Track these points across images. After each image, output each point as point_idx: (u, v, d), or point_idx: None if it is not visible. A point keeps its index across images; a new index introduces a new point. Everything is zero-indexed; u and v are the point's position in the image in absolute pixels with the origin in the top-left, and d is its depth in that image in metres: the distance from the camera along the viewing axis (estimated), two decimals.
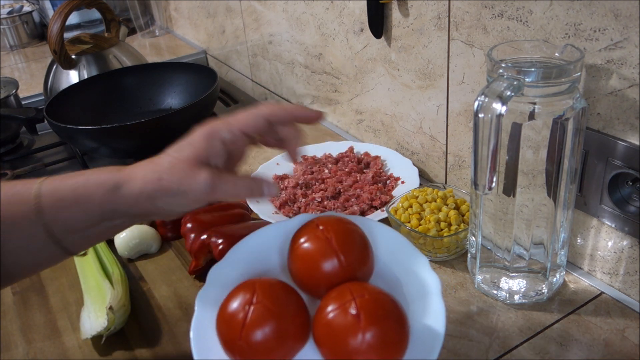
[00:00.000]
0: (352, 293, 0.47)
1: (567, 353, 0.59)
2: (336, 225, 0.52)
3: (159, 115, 1.02)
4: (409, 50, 0.85)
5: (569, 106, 0.55)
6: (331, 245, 0.50)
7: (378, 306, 0.47)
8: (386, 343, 0.46)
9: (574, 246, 0.69)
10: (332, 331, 0.46)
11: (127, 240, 0.79)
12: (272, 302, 0.48)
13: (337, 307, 0.47)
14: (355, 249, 0.52)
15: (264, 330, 0.46)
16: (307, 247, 0.51)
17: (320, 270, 0.50)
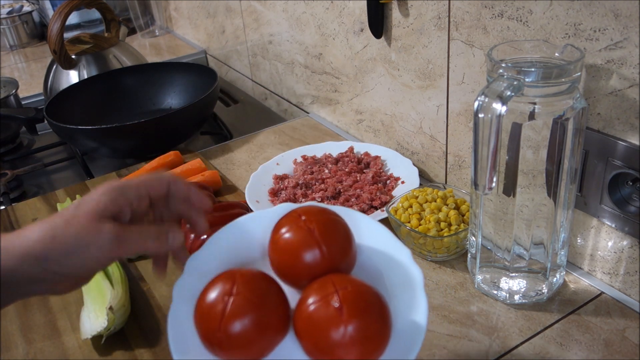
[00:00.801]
0: (335, 285, 0.46)
1: (567, 353, 0.60)
2: (319, 216, 0.51)
3: (159, 115, 1.02)
4: (409, 50, 0.85)
5: (569, 106, 0.55)
6: (313, 235, 0.49)
7: (361, 299, 0.46)
8: (368, 337, 0.45)
9: (574, 246, 0.69)
10: (314, 324, 0.45)
11: None
12: (252, 292, 0.46)
13: (319, 299, 0.46)
14: (338, 239, 0.50)
15: (244, 321, 0.45)
16: (289, 237, 0.50)
17: (302, 261, 0.49)
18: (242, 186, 0.93)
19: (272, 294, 0.48)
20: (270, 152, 1.06)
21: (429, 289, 0.70)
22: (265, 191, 0.90)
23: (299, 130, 1.14)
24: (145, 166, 0.99)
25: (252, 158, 1.06)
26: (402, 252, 0.52)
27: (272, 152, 1.06)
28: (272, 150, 1.07)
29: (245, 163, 1.04)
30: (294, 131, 1.14)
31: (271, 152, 1.06)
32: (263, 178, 0.93)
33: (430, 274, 0.72)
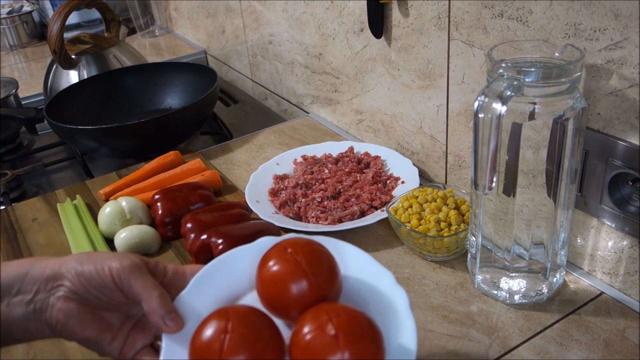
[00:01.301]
0: (328, 313, 0.47)
1: (567, 353, 0.60)
2: (304, 247, 0.51)
3: (159, 115, 1.02)
4: (409, 50, 0.85)
5: (569, 106, 0.55)
6: (301, 267, 0.50)
7: (355, 325, 0.46)
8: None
9: (574, 246, 0.69)
10: (311, 353, 0.46)
11: (127, 240, 0.79)
12: (247, 328, 0.47)
13: (314, 328, 0.46)
14: (325, 269, 0.51)
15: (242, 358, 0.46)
16: (277, 270, 0.50)
17: (291, 292, 0.49)
18: (242, 186, 0.93)
19: (266, 329, 0.48)
20: (270, 152, 1.06)
21: (429, 289, 0.70)
22: (265, 191, 0.90)
23: (299, 130, 1.14)
24: (145, 166, 0.99)
25: (252, 158, 1.06)
26: (385, 276, 0.53)
27: (272, 152, 1.06)
28: (272, 150, 1.07)
29: (245, 163, 1.04)
30: (294, 131, 1.14)
31: (271, 152, 1.06)
32: (263, 178, 0.93)
33: (430, 274, 0.72)
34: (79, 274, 0.51)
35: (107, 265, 0.51)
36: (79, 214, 0.88)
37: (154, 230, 0.82)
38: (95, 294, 0.51)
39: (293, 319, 0.50)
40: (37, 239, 0.87)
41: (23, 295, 0.50)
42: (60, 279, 0.51)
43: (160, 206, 0.83)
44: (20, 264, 0.51)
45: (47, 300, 0.50)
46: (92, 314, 0.51)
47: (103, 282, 0.51)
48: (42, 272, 0.51)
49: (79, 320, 0.51)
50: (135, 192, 0.92)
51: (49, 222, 0.90)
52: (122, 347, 0.53)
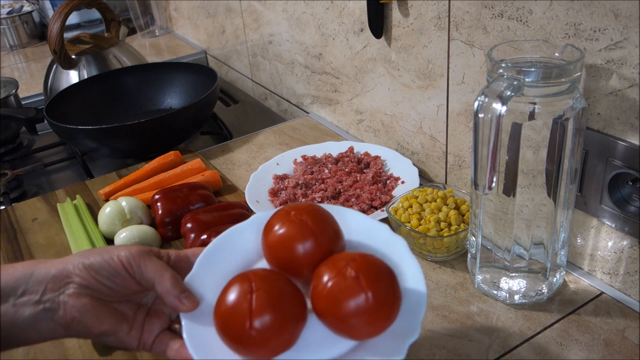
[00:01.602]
0: (344, 259, 0.48)
1: (567, 353, 0.60)
2: (306, 209, 0.53)
3: (159, 115, 1.02)
4: (409, 50, 0.85)
5: (569, 106, 0.55)
6: (308, 225, 0.51)
7: (372, 266, 0.48)
8: (387, 301, 0.47)
9: (574, 246, 0.69)
10: (335, 298, 0.47)
11: (127, 240, 0.79)
12: (271, 286, 0.48)
13: (335, 274, 0.47)
14: (329, 226, 0.53)
15: (272, 314, 0.46)
16: (285, 232, 0.51)
17: (301, 251, 0.50)
18: (242, 186, 0.93)
19: (287, 285, 0.49)
20: (270, 152, 1.06)
21: (429, 289, 0.70)
22: (265, 191, 0.90)
23: (299, 130, 1.14)
24: (145, 166, 0.99)
25: (252, 158, 1.06)
26: (382, 229, 0.55)
27: (272, 152, 1.06)
28: (272, 150, 1.07)
29: (245, 163, 1.04)
30: (294, 131, 1.14)
31: (271, 152, 1.06)
32: (263, 178, 0.93)
33: (430, 274, 0.72)
34: (88, 267, 0.50)
35: (115, 254, 0.51)
36: (79, 214, 0.88)
37: (154, 230, 0.82)
38: (107, 285, 0.51)
39: (305, 277, 0.51)
40: (37, 239, 0.87)
41: (30, 295, 0.50)
42: (69, 276, 0.50)
43: (160, 206, 0.83)
44: (24, 265, 0.51)
45: (56, 299, 0.50)
46: (106, 307, 0.51)
47: (115, 270, 0.51)
48: (47, 271, 0.50)
49: (94, 314, 0.50)
50: (135, 192, 0.92)
51: (49, 222, 0.91)
52: (140, 335, 0.53)
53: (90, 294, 0.50)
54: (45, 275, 0.50)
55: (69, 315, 0.50)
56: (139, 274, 0.51)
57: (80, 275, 0.50)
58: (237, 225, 0.57)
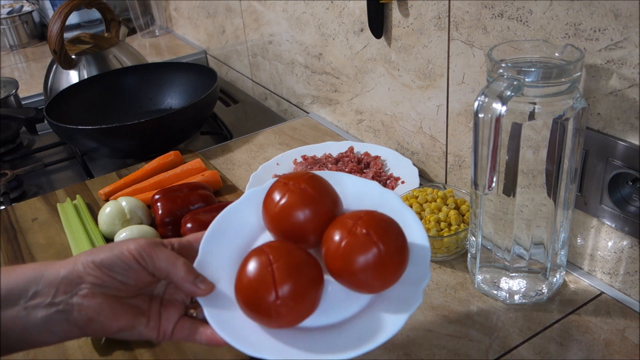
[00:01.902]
0: (351, 218, 0.50)
1: (567, 353, 0.59)
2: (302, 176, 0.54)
3: (159, 115, 1.02)
4: (409, 50, 0.85)
5: (569, 106, 0.55)
6: (308, 193, 0.52)
7: (379, 221, 0.50)
8: (397, 251, 0.49)
9: (574, 246, 0.69)
10: (350, 256, 0.48)
11: None
12: (288, 255, 0.49)
13: (345, 234, 0.49)
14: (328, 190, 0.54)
15: (294, 282, 0.48)
16: (287, 201, 0.52)
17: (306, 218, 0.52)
18: (242, 186, 0.93)
19: (302, 252, 0.51)
20: (270, 152, 1.06)
21: (429, 289, 0.70)
22: None
23: (299, 130, 1.14)
24: (145, 166, 0.99)
25: (252, 158, 1.06)
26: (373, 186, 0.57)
27: (272, 152, 1.06)
28: (272, 150, 1.07)
29: (245, 163, 1.04)
30: (294, 131, 1.14)
31: (271, 152, 1.06)
32: (263, 178, 0.93)
33: (431, 274, 0.72)
34: (99, 264, 0.50)
35: (125, 248, 0.51)
36: (79, 214, 0.88)
37: (154, 230, 0.82)
38: (120, 280, 0.51)
39: (311, 243, 0.53)
40: (37, 239, 0.87)
41: (41, 298, 0.49)
42: (80, 277, 0.50)
43: (160, 206, 0.83)
44: (34, 267, 0.51)
45: (70, 301, 0.49)
46: (121, 303, 0.51)
47: (127, 264, 0.50)
48: (57, 272, 0.50)
49: (110, 312, 0.50)
50: (135, 192, 0.92)
51: (49, 222, 0.91)
52: (158, 326, 0.53)
53: (104, 292, 0.50)
54: (56, 277, 0.50)
55: (85, 316, 0.49)
56: (151, 265, 0.51)
57: (92, 274, 0.50)
58: (233, 204, 0.58)
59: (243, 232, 0.57)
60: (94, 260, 0.50)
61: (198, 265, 0.53)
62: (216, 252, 0.55)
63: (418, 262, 0.51)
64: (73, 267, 0.50)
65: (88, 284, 0.50)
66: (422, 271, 0.51)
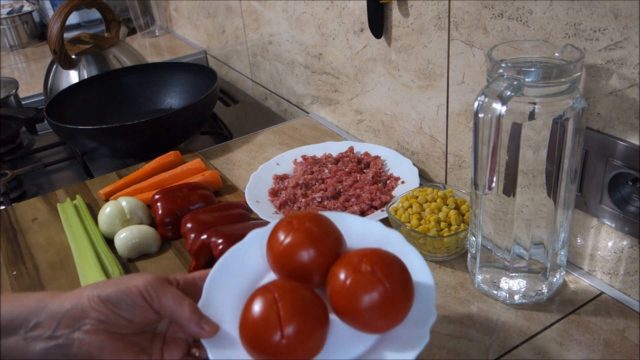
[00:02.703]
0: (356, 256, 0.50)
1: (567, 353, 0.60)
2: (307, 216, 0.54)
3: (159, 115, 1.02)
4: (409, 50, 0.85)
5: (569, 106, 0.55)
6: (313, 232, 0.52)
7: (384, 259, 0.49)
8: (403, 289, 0.49)
9: (574, 246, 0.69)
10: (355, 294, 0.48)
11: (127, 240, 0.79)
12: (294, 295, 0.49)
13: (351, 271, 0.49)
14: (333, 230, 0.54)
15: (300, 322, 0.47)
16: (291, 240, 0.52)
17: (310, 258, 0.51)
18: (242, 186, 0.93)
19: (307, 291, 0.50)
20: (270, 152, 1.06)
21: None
22: (265, 191, 0.90)
23: (299, 130, 1.14)
24: (145, 166, 0.99)
25: (252, 158, 1.06)
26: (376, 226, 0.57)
27: (272, 152, 1.06)
28: (272, 150, 1.07)
29: (245, 163, 1.04)
30: (294, 131, 1.14)
31: (271, 152, 1.06)
32: (263, 178, 0.93)
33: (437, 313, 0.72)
34: (105, 300, 0.49)
35: (132, 284, 0.50)
36: (79, 214, 0.88)
37: (154, 230, 0.82)
38: (125, 317, 0.50)
39: (315, 283, 0.52)
40: (37, 239, 0.87)
41: (42, 329, 0.48)
42: (84, 311, 0.49)
43: (160, 206, 0.83)
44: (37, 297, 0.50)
45: (70, 335, 0.49)
46: (124, 341, 0.50)
47: (133, 301, 0.50)
48: (61, 305, 0.49)
49: (112, 350, 0.49)
50: (135, 192, 0.92)
51: (49, 222, 0.91)
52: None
53: (107, 329, 0.49)
54: (59, 309, 0.49)
55: (85, 352, 0.49)
56: (157, 304, 0.51)
57: (96, 309, 0.49)
58: (237, 245, 0.58)
59: (248, 272, 0.57)
60: (99, 295, 0.49)
61: (202, 305, 0.53)
62: (221, 292, 0.55)
63: (423, 301, 0.51)
64: (78, 301, 0.49)
65: (92, 319, 0.49)
66: (428, 310, 0.50)
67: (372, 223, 0.58)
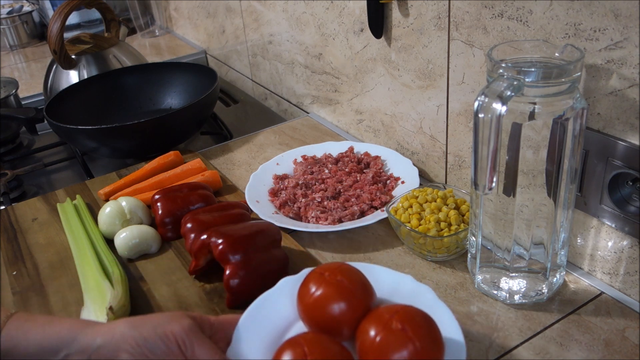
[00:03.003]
0: (387, 312, 0.50)
1: (567, 353, 0.60)
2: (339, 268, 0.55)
3: (159, 115, 1.02)
4: (409, 50, 0.85)
5: (569, 106, 0.55)
6: (344, 285, 0.53)
7: (415, 317, 0.50)
8: (433, 348, 0.49)
9: (574, 246, 0.69)
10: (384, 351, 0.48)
11: (127, 240, 0.79)
12: (322, 349, 0.49)
13: (381, 328, 0.49)
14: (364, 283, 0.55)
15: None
16: (322, 293, 0.53)
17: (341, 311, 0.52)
18: (242, 186, 0.93)
19: (335, 346, 0.51)
20: (270, 152, 1.06)
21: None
22: (265, 191, 0.90)
23: (299, 130, 1.14)
24: (145, 166, 0.99)
25: (252, 158, 1.06)
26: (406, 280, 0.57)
27: (272, 152, 1.06)
28: (272, 150, 1.07)
29: (245, 163, 1.04)
30: (294, 131, 1.14)
31: (271, 152, 1.06)
32: (263, 178, 0.93)
33: (430, 274, 0.72)
34: (141, 343, 0.49)
35: (168, 329, 0.51)
36: (79, 214, 0.88)
37: (154, 230, 0.82)
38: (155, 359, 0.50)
39: (345, 336, 0.53)
40: (37, 239, 0.87)
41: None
42: (116, 351, 0.49)
43: (160, 206, 0.83)
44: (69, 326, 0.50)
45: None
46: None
47: (168, 347, 0.50)
48: (93, 340, 0.49)
49: None
50: (135, 192, 0.92)
51: (49, 222, 0.91)
52: None
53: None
54: (90, 344, 0.49)
55: None
56: (190, 353, 0.51)
57: (129, 351, 0.49)
58: (267, 292, 0.59)
59: (276, 321, 0.58)
60: (135, 337, 0.50)
61: (232, 353, 0.54)
62: (250, 339, 0.55)
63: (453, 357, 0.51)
64: (111, 339, 0.49)
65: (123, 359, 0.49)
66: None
67: (403, 276, 0.58)
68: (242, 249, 0.68)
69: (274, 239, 0.72)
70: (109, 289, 0.68)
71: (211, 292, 0.72)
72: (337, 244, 0.79)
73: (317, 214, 0.82)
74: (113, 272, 0.72)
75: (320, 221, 0.81)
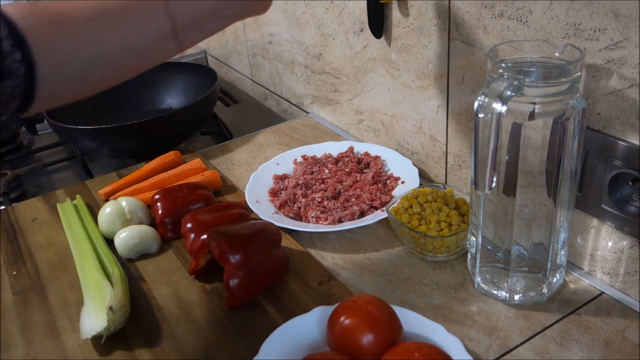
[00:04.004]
0: (411, 347, 0.52)
1: (567, 353, 0.60)
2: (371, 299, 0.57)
3: (159, 115, 1.02)
4: (409, 50, 0.85)
5: (569, 106, 0.55)
6: (374, 315, 0.55)
7: (438, 355, 0.52)
8: None
9: (574, 246, 0.69)
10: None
11: (127, 240, 0.79)
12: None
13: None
14: (394, 317, 0.57)
15: None
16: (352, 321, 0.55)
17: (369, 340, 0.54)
18: (242, 186, 0.93)
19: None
20: (270, 152, 1.06)
21: (429, 289, 0.70)
22: (265, 191, 0.90)
23: (299, 130, 1.14)
24: (145, 166, 0.99)
25: (252, 158, 1.06)
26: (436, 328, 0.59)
27: (272, 152, 1.06)
28: (272, 150, 1.07)
29: (245, 163, 1.04)
30: (294, 131, 1.14)
31: (271, 152, 1.07)
32: (263, 178, 0.93)
33: (430, 274, 0.72)
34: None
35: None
36: (79, 214, 0.88)
37: (154, 230, 0.82)
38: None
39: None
40: (37, 239, 0.87)
41: None
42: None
43: (160, 206, 0.83)
44: None
45: None
46: None
47: None
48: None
49: None
50: (135, 192, 0.92)
51: (49, 222, 0.91)
52: None
53: None
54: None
55: None
56: None
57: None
58: (298, 317, 0.62)
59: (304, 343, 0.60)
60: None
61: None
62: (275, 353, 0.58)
63: None
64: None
65: None
66: None
67: (433, 324, 0.60)
68: (242, 249, 0.68)
69: (274, 239, 0.72)
70: (109, 288, 0.68)
71: (211, 292, 0.72)
72: (337, 244, 0.79)
73: (317, 214, 0.82)
74: (113, 272, 0.72)
75: (320, 221, 0.81)
